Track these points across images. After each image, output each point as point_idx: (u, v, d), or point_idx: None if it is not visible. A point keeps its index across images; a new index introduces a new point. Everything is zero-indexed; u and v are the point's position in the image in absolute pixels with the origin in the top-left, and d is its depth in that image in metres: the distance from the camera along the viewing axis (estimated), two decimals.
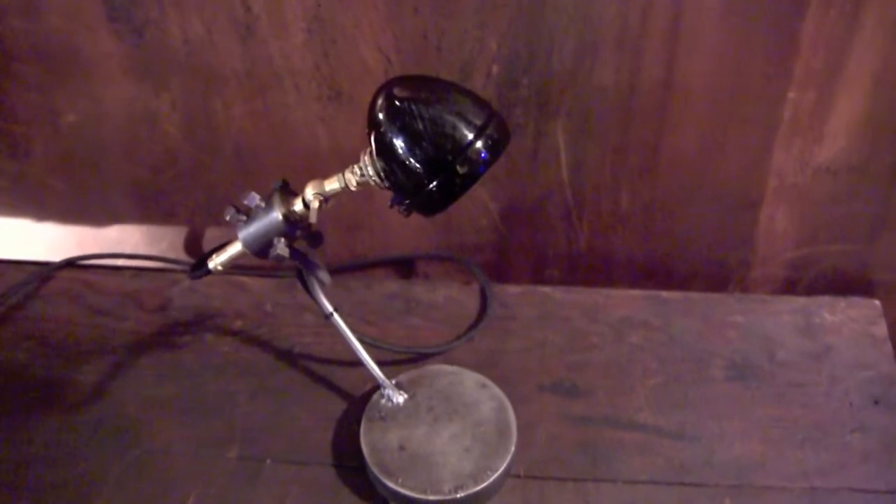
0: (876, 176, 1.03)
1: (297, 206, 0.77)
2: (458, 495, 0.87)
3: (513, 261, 1.18)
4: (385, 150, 0.70)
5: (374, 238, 1.17)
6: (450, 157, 0.69)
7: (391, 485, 0.88)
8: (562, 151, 1.04)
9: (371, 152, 0.72)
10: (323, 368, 1.03)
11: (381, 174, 0.72)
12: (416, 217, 0.85)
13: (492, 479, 0.88)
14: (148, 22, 0.97)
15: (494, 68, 0.97)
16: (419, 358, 1.03)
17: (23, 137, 1.11)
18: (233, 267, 0.93)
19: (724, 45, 0.94)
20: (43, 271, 1.16)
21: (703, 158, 1.04)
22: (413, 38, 0.95)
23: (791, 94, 0.96)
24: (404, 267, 1.20)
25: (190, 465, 0.95)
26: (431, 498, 0.87)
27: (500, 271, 1.17)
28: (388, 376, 0.95)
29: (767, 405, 0.98)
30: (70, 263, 1.17)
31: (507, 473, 0.91)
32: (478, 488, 0.88)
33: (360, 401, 0.99)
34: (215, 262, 0.83)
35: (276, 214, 0.77)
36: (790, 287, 1.15)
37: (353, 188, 0.75)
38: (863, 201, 1.06)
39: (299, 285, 0.90)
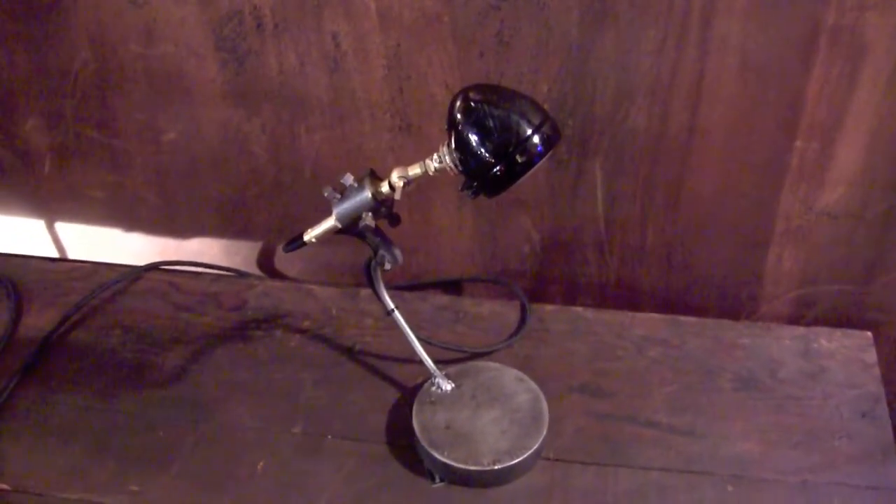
0: (871, 222, 1.16)
1: (384, 187, 0.92)
2: (496, 467, 1.00)
3: (548, 287, 1.32)
4: (460, 141, 0.86)
5: (429, 260, 1.32)
6: (511, 149, 0.85)
7: (438, 456, 1.01)
8: (598, 188, 1.19)
9: (449, 144, 0.87)
10: (380, 363, 1.17)
11: (457, 161, 0.88)
12: (465, 242, 1.00)
13: (525, 456, 1.01)
14: (250, 52, 1.13)
15: (545, 107, 1.12)
16: (465, 357, 1.17)
17: (124, 152, 1.27)
18: (302, 276, 1.08)
19: (740, 98, 1.08)
20: (133, 272, 1.30)
21: (719, 198, 1.17)
22: (476, 79, 1.10)
23: (798, 143, 1.10)
24: (453, 287, 1.35)
25: (258, 438, 1.08)
26: (472, 468, 1.00)
27: (536, 296, 1.30)
28: (438, 369, 1.08)
29: (768, 413, 1.10)
30: (155, 267, 1.32)
31: (537, 454, 1.04)
32: (512, 462, 1.01)
33: (411, 391, 1.13)
34: (310, 235, 0.99)
35: (367, 193, 0.92)
36: (794, 323, 1.28)
37: (431, 173, 0.90)
38: (859, 245, 1.19)
39: (366, 281, 1.04)
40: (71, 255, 1.45)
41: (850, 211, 1.16)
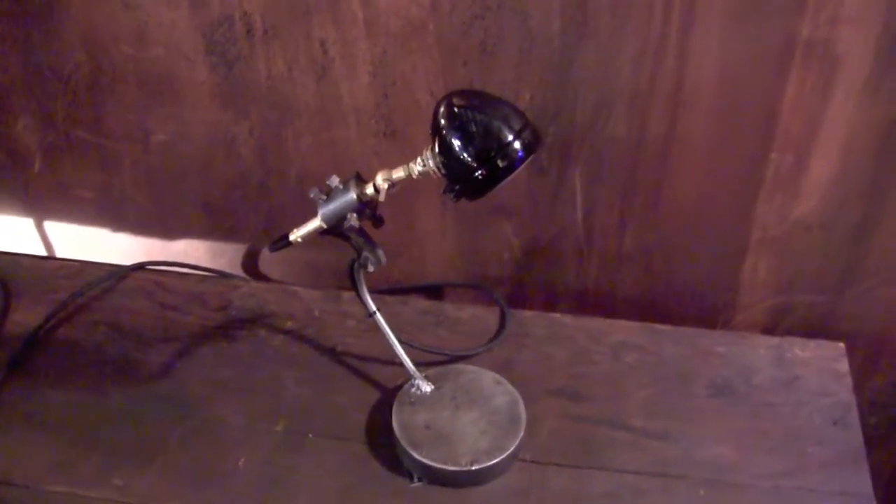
0: (844, 233, 1.18)
1: (369, 189, 0.95)
2: (473, 467, 1.02)
3: (528, 293, 1.34)
4: (444, 145, 0.89)
5: (412, 265, 1.34)
6: (493, 153, 0.87)
7: (417, 456, 1.03)
8: (578, 195, 1.21)
9: (433, 147, 0.90)
10: (361, 364, 1.19)
11: (440, 164, 0.90)
12: (447, 248, 1.02)
13: (502, 457, 1.03)
14: (239, 57, 1.15)
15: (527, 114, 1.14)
16: (446, 360, 1.19)
17: (113, 152, 1.29)
18: (286, 279, 1.09)
19: (717, 108, 1.10)
20: (119, 271, 1.32)
21: (697, 207, 1.20)
22: (460, 86, 1.12)
23: (773, 155, 1.13)
24: (434, 292, 1.37)
25: (241, 434, 1.10)
26: (450, 468, 1.02)
27: (516, 302, 1.31)
28: (419, 371, 1.10)
29: (742, 418, 1.13)
30: (141, 267, 1.34)
31: (514, 456, 1.05)
32: (490, 463, 1.02)
33: (392, 392, 1.14)
34: (296, 235, 1.01)
35: (352, 194, 0.95)
36: (768, 332, 1.30)
37: (415, 176, 0.92)
38: (833, 256, 1.21)
39: (349, 283, 1.06)
40: (59, 254, 1.47)
41: (824, 221, 1.18)
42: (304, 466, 1.06)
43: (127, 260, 1.34)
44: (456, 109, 0.89)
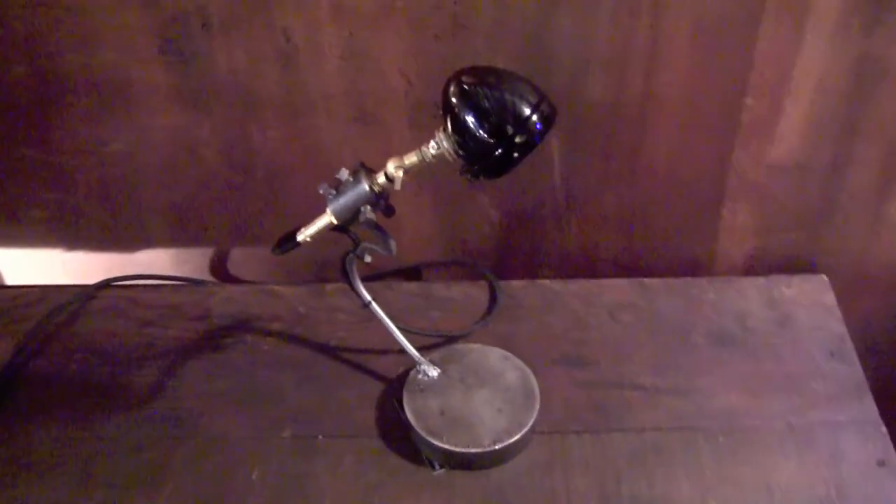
0: (819, 171, 1.20)
1: (381, 178, 0.91)
2: (497, 447, 1.01)
3: (510, 262, 1.33)
4: (459, 126, 0.85)
5: None
6: (511, 129, 0.84)
7: (438, 443, 1.01)
8: (556, 160, 1.19)
9: (446, 129, 0.86)
10: (359, 357, 1.16)
11: (456, 146, 0.86)
12: (425, 228, 1.00)
13: (523, 433, 1.02)
14: (197, 54, 1.09)
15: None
16: (443, 342, 1.17)
17: (67, 168, 1.22)
18: (258, 278, 1.05)
19: (693, 61, 1.10)
20: (85, 292, 1.26)
21: (675, 161, 1.20)
22: (432, 63, 1.10)
23: (748, 101, 1.13)
24: (414, 274, 1.34)
25: (249, 446, 1.06)
26: (474, 451, 1.01)
27: (498, 273, 1.29)
28: (421, 356, 1.08)
29: (744, 363, 1.14)
30: (107, 284, 1.27)
31: (533, 430, 1.04)
32: (512, 440, 1.01)
33: (395, 381, 1.12)
34: (304, 234, 0.96)
35: (364, 186, 0.90)
36: (749, 275, 1.31)
37: (428, 160, 0.89)
38: (807, 195, 1.23)
39: (340, 275, 1.02)
40: (10, 281, 1.38)
41: (800, 162, 1.20)
42: (321, 470, 1.03)
43: (87, 279, 1.28)
44: (467, 87, 0.86)
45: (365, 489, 1.02)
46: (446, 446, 1.01)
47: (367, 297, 1.05)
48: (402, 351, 1.09)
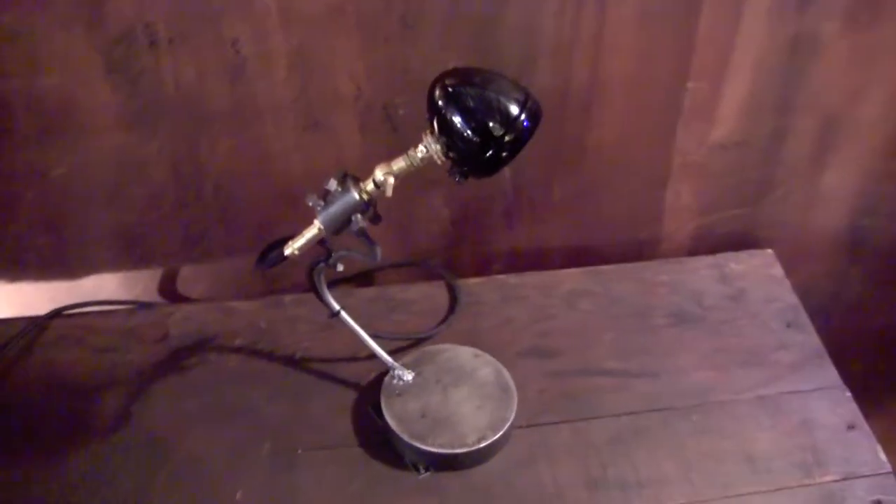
0: (757, 147, 1.24)
1: (369, 186, 0.90)
2: (482, 444, 1.01)
3: (460, 260, 1.33)
4: (446, 128, 0.85)
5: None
6: (501, 130, 0.84)
7: (423, 446, 1.01)
8: None
9: (434, 132, 0.86)
10: (327, 366, 1.15)
11: (444, 148, 0.86)
12: (374, 231, 0.99)
13: (506, 428, 1.03)
14: (144, 71, 1.06)
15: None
16: (412, 344, 1.17)
17: (8, 197, 1.17)
18: (208, 296, 1.04)
19: (638, 47, 1.12)
20: (36, 323, 1.21)
21: (620, 146, 1.22)
22: (382, 65, 1.09)
23: (690, 84, 1.16)
24: (365, 279, 1.33)
25: (228, 466, 1.04)
26: (460, 451, 1.01)
27: (449, 270, 1.30)
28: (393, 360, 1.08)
29: (706, 340, 1.17)
30: (58, 314, 1.23)
31: (514, 424, 1.05)
32: (497, 436, 1.02)
33: (367, 388, 1.12)
34: (292, 247, 0.95)
35: (354, 194, 0.90)
36: (693, 255, 1.34)
37: (417, 164, 0.88)
38: (748, 171, 1.27)
39: (309, 285, 1.02)
40: None
41: (739, 139, 1.24)
42: (305, 484, 1.02)
43: (30, 310, 1.23)
44: (453, 89, 0.86)
45: (351, 499, 1.01)
46: (432, 448, 1.01)
47: (336, 306, 1.04)
48: (371, 357, 1.09)
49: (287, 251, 0.95)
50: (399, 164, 0.89)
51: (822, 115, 1.22)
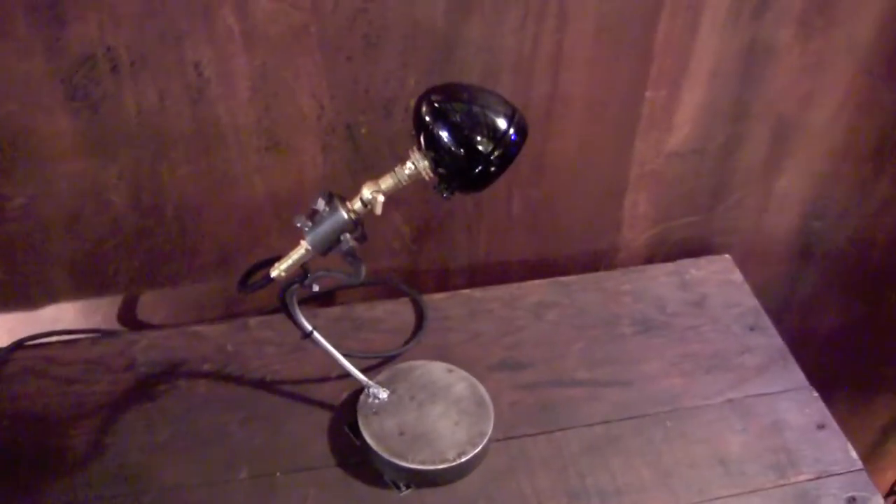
0: (712, 154, 1.26)
1: (357, 205, 0.89)
2: (463, 459, 1.02)
3: (421, 277, 1.33)
4: (434, 145, 0.85)
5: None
6: (490, 146, 0.85)
7: (403, 464, 1.01)
8: None
9: (420, 148, 0.86)
10: (298, 388, 1.14)
11: (432, 165, 0.86)
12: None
13: (486, 441, 1.04)
14: (105, 97, 1.04)
15: (412, 102, 1.10)
16: (383, 362, 1.17)
17: None
18: (169, 321, 1.05)
19: (597, 58, 1.13)
20: None
21: (579, 158, 1.23)
22: (345, 84, 1.09)
23: (648, 94, 1.18)
24: (323, 298, 1.33)
25: (206, 494, 1.03)
26: (441, 467, 1.02)
27: (412, 287, 1.30)
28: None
29: (672, 347, 1.19)
30: (20, 345, 1.19)
31: (492, 438, 1.06)
32: (476, 450, 1.03)
33: (341, 408, 1.11)
34: (279, 269, 0.94)
35: (342, 214, 0.89)
36: (649, 262, 1.37)
37: (405, 182, 0.88)
38: (703, 178, 1.29)
39: (281, 306, 1.01)
40: None
41: (695, 147, 1.26)
42: None
43: None
44: (438, 105, 0.86)
45: None
46: (413, 465, 1.01)
47: (309, 327, 1.03)
48: (342, 377, 1.09)
49: (273, 273, 0.94)
50: (387, 181, 0.89)
51: (775, 121, 1.25)
